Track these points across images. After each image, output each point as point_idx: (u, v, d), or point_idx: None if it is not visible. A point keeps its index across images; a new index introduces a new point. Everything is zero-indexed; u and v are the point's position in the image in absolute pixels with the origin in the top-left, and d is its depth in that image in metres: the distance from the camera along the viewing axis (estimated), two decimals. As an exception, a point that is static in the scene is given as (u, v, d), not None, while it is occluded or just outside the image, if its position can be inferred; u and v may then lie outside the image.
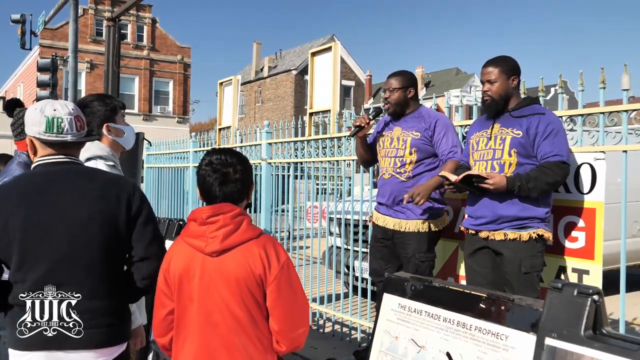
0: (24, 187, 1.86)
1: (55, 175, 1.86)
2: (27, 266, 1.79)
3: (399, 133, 3.38)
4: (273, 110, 40.92)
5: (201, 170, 1.84)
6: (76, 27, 11.48)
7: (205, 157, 1.86)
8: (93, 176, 1.92)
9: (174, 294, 1.82)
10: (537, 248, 2.77)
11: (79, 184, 1.86)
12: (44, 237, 1.78)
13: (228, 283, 1.74)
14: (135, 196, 1.90)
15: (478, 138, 2.99)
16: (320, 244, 5.87)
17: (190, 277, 1.78)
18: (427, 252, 3.29)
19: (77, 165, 1.93)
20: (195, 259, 1.78)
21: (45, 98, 11.38)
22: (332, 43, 4.59)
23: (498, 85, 2.87)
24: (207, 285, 1.76)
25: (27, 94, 27.86)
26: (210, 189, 1.81)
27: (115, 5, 24.93)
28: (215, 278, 1.75)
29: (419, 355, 1.91)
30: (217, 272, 1.75)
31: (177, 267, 1.80)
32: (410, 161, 3.31)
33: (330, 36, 37.89)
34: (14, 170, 2.58)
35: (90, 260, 1.80)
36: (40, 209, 1.80)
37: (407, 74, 3.45)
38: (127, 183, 1.95)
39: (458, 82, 40.77)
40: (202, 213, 1.78)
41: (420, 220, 3.27)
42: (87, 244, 1.80)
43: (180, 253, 1.82)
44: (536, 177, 2.69)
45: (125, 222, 1.86)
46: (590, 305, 1.45)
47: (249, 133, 6.06)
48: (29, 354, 1.77)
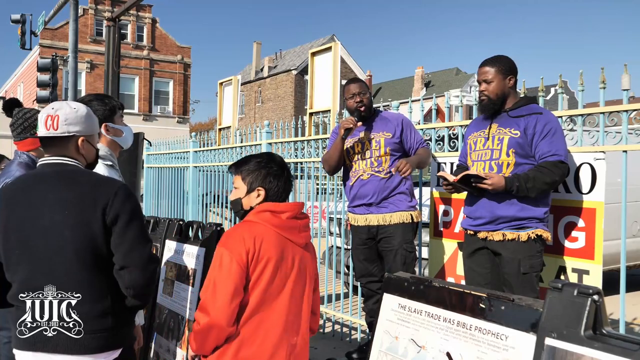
0: (13, 189, 1.90)
1: (41, 177, 1.87)
2: (12, 268, 1.83)
3: (369, 136, 3.53)
4: (273, 110, 40.91)
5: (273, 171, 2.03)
6: (76, 27, 11.47)
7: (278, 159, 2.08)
8: (75, 179, 1.86)
9: (257, 279, 1.89)
10: (535, 248, 2.76)
11: (58, 187, 1.84)
12: (22, 240, 1.80)
13: (311, 272, 2.08)
14: (115, 200, 1.81)
15: (476, 138, 2.99)
16: (320, 244, 5.87)
17: (285, 263, 1.95)
18: (412, 242, 3.45)
19: (63, 167, 1.89)
20: (288, 247, 1.98)
21: (45, 98, 11.42)
22: (332, 43, 4.59)
23: (495, 85, 2.87)
24: (298, 271, 1.99)
25: (27, 94, 27.86)
26: (289, 188, 2.08)
27: (115, 5, 24.93)
28: (303, 266, 2.02)
29: (419, 355, 1.91)
30: (304, 261, 2.04)
31: (270, 252, 1.91)
32: (385, 160, 3.50)
33: (330, 36, 37.91)
34: (14, 170, 2.58)
35: (67, 265, 1.78)
36: (20, 211, 1.82)
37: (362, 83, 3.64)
38: (109, 187, 1.86)
39: (458, 82, 40.75)
40: (295, 208, 2.00)
41: (403, 212, 3.43)
42: (62, 248, 1.77)
43: (270, 238, 1.93)
44: (534, 177, 2.69)
45: (101, 228, 1.79)
46: (590, 305, 1.44)
47: (249, 133, 6.06)
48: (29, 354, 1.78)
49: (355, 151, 3.58)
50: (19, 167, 2.59)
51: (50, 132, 1.88)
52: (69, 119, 1.89)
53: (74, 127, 1.90)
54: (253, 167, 2.03)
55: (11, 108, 2.74)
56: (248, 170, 2.04)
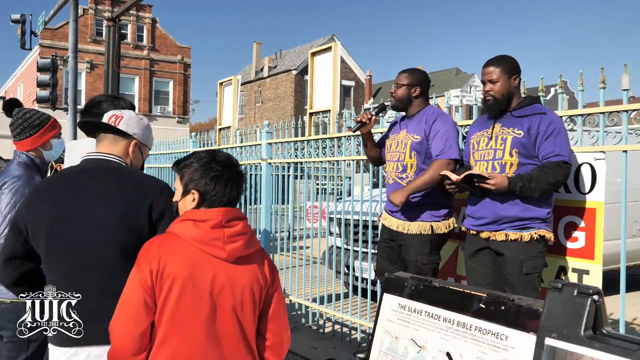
0: (57, 182, 1.92)
1: (87, 172, 1.91)
2: (51, 260, 1.83)
3: (403, 136, 3.29)
4: (273, 110, 40.91)
5: (212, 171, 1.71)
6: (76, 27, 11.47)
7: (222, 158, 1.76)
8: (122, 175, 1.91)
9: (164, 302, 1.62)
10: (538, 249, 2.76)
11: (105, 181, 1.87)
12: (66, 233, 1.80)
13: (241, 291, 1.67)
14: (161, 198, 1.86)
15: (479, 138, 2.98)
16: (320, 244, 5.87)
17: (198, 282, 1.63)
18: (429, 254, 3.20)
19: (109, 163, 1.93)
20: (203, 263, 1.65)
21: (45, 98, 11.43)
22: (332, 43, 4.59)
23: (500, 85, 2.85)
24: (219, 292, 1.65)
25: (27, 94, 27.85)
26: (222, 191, 1.71)
27: (115, 5, 24.93)
28: (228, 285, 1.66)
29: (419, 355, 1.91)
30: (231, 279, 1.66)
31: (177, 270, 1.62)
32: (411, 165, 3.23)
33: (330, 36, 37.88)
34: (13, 170, 2.58)
35: (107, 258, 1.79)
36: (64, 205, 1.83)
37: (417, 72, 3.36)
38: (155, 184, 1.92)
39: (458, 82, 40.73)
40: (219, 215, 1.67)
41: (422, 222, 3.19)
42: (107, 243, 1.79)
43: (179, 255, 1.64)
44: (538, 177, 2.68)
45: (147, 223, 1.83)
46: (590, 305, 1.44)
47: (249, 133, 6.06)
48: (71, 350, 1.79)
49: (389, 149, 3.37)
50: (19, 167, 2.59)
51: (110, 124, 1.97)
52: (131, 120, 2.00)
53: (132, 129, 2.00)
54: (191, 165, 1.74)
55: (11, 108, 2.74)
56: (185, 168, 1.75)
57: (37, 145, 2.67)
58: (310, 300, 5.15)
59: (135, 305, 1.61)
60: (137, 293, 1.61)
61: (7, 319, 2.46)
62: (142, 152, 2.08)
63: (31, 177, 2.58)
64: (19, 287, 1.93)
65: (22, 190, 2.50)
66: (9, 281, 1.95)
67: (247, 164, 5.78)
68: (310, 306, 5.00)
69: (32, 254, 1.88)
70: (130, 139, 2.00)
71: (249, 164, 5.81)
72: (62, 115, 11.30)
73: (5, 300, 2.51)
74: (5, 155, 11.56)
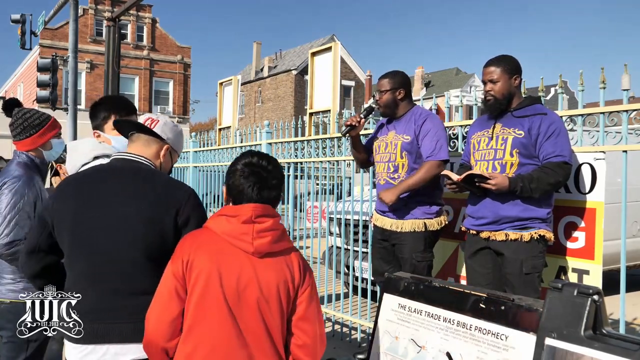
0: (82, 179, 1.93)
1: (114, 171, 1.91)
2: (74, 257, 1.83)
3: (392, 137, 3.33)
4: (273, 110, 40.91)
5: (237, 170, 1.77)
6: (76, 27, 11.47)
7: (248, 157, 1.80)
8: (150, 178, 1.90)
9: (191, 293, 1.67)
10: (538, 249, 2.76)
11: (133, 182, 1.87)
12: (89, 230, 1.81)
13: (267, 287, 1.68)
14: (187, 203, 1.86)
15: (479, 138, 2.98)
16: (320, 244, 5.87)
17: (225, 275, 1.67)
18: (424, 252, 3.23)
19: (139, 164, 1.94)
20: (233, 257, 1.69)
21: (45, 98, 11.42)
22: (332, 43, 4.59)
23: (501, 85, 2.85)
24: (245, 286, 1.67)
25: (27, 94, 27.86)
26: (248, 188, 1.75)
27: (115, 5, 24.93)
28: (255, 280, 1.68)
29: (419, 355, 1.91)
30: (258, 275, 1.68)
31: (205, 262, 1.67)
32: (402, 165, 3.27)
33: (330, 36, 37.88)
34: (13, 170, 2.57)
35: (130, 258, 1.79)
36: (92, 202, 1.83)
37: (397, 74, 3.40)
38: (182, 190, 1.91)
39: (458, 82, 40.75)
40: (249, 211, 1.70)
41: (415, 220, 3.22)
42: (131, 243, 1.79)
43: (209, 247, 1.70)
44: (538, 177, 2.68)
45: (172, 227, 1.83)
46: (590, 305, 1.44)
47: (249, 133, 6.06)
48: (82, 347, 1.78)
49: (378, 151, 3.42)
50: (18, 167, 2.59)
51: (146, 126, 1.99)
52: (167, 125, 2.03)
53: (166, 134, 2.01)
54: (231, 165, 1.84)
55: (11, 108, 2.73)
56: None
57: (37, 145, 2.66)
58: (310, 300, 5.13)
59: (167, 294, 1.68)
60: (169, 283, 1.69)
61: (7, 319, 2.46)
62: (172, 157, 2.09)
63: (31, 178, 2.57)
64: (40, 279, 1.93)
65: (22, 190, 2.49)
66: (30, 273, 1.95)
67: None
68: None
69: (55, 247, 1.88)
70: (163, 143, 2.01)
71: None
72: (62, 115, 11.28)
73: (4, 300, 2.51)
74: (6, 155, 11.55)
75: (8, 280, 2.53)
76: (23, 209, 2.47)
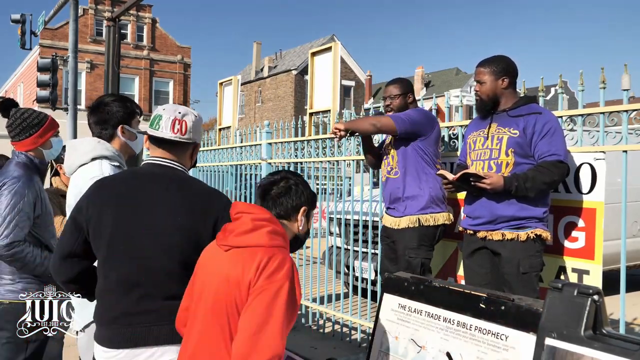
0: (119, 184, 1.89)
1: (152, 178, 1.88)
2: (110, 263, 1.81)
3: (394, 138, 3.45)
4: (273, 110, 40.90)
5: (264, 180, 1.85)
6: (76, 27, 11.47)
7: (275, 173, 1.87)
8: (186, 186, 1.88)
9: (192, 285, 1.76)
10: (535, 248, 2.76)
11: (169, 191, 1.84)
12: (128, 238, 1.79)
13: (221, 281, 1.60)
14: (225, 215, 1.80)
15: (475, 138, 2.99)
16: (320, 244, 5.87)
17: (202, 268, 1.73)
18: (417, 248, 3.23)
19: (174, 171, 1.91)
20: (211, 252, 1.73)
21: (45, 98, 11.41)
22: (332, 43, 4.58)
23: (486, 86, 2.90)
24: (209, 280, 1.66)
25: (27, 94, 27.86)
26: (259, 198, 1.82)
27: (115, 5, 24.92)
28: (213, 273, 1.65)
29: (419, 355, 1.91)
30: (216, 267, 1.65)
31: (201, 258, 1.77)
32: (393, 157, 3.42)
33: (330, 36, 37.87)
34: (12, 170, 2.57)
35: (170, 265, 1.78)
36: (129, 208, 1.81)
37: (403, 80, 3.58)
38: (219, 199, 1.90)
39: (458, 82, 40.75)
40: (233, 209, 1.74)
41: (410, 216, 3.26)
42: (167, 253, 1.78)
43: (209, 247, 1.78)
44: (533, 176, 2.68)
45: (209, 237, 1.81)
46: (590, 305, 1.44)
47: (249, 133, 6.06)
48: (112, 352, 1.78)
49: (385, 152, 3.56)
50: (18, 167, 2.58)
51: (177, 136, 1.89)
52: (195, 126, 1.94)
53: (195, 135, 1.95)
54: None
55: (8, 109, 2.73)
56: None
57: (37, 145, 2.66)
58: (310, 300, 5.15)
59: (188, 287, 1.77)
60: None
61: (6, 319, 2.45)
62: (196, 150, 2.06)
63: (30, 178, 2.57)
64: (75, 284, 1.92)
65: (22, 191, 2.49)
66: (65, 278, 1.92)
67: (247, 164, 5.78)
68: (310, 306, 5.00)
69: (89, 252, 1.87)
70: (193, 145, 1.98)
71: (248, 164, 5.81)
72: (62, 115, 11.28)
73: (4, 301, 2.50)
74: (8, 154, 11.54)
75: (7, 281, 2.52)
76: (23, 210, 2.46)
